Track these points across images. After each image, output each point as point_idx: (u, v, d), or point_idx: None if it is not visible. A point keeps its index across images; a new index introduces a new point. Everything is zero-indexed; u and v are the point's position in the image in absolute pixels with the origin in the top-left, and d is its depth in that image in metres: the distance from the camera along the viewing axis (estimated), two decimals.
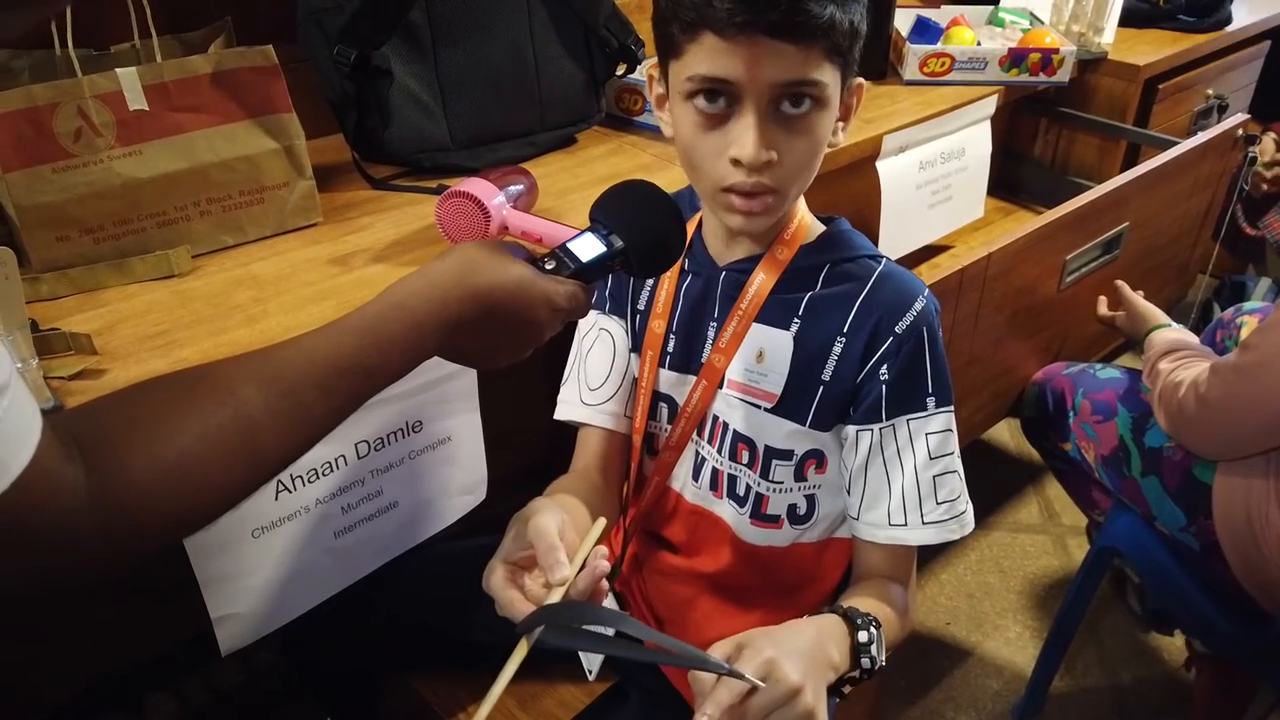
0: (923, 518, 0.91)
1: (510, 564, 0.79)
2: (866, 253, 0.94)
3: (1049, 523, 2.05)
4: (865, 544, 0.95)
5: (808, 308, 0.92)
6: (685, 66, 0.82)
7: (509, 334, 0.76)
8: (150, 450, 0.56)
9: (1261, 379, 1.13)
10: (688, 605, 1.05)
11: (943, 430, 0.91)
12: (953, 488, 0.92)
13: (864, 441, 0.92)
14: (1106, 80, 2.05)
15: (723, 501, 1.01)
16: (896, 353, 0.89)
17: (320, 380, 0.64)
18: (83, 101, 1.05)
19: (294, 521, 1.02)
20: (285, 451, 0.64)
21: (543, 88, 1.43)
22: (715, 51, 0.79)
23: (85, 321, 1.04)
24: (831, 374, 0.92)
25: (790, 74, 0.79)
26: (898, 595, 0.92)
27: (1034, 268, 1.54)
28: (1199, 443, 1.25)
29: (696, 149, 0.85)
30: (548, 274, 0.76)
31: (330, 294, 1.11)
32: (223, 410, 0.59)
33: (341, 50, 1.28)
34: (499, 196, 1.17)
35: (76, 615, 1.17)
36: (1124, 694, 1.70)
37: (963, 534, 0.93)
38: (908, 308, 0.90)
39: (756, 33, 0.77)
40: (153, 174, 1.11)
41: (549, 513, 0.79)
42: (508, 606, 0.76)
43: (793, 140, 0.83)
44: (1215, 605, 1.29)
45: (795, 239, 0.93)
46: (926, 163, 1.73)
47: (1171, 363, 1.31)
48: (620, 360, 1.04)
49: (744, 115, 0.81)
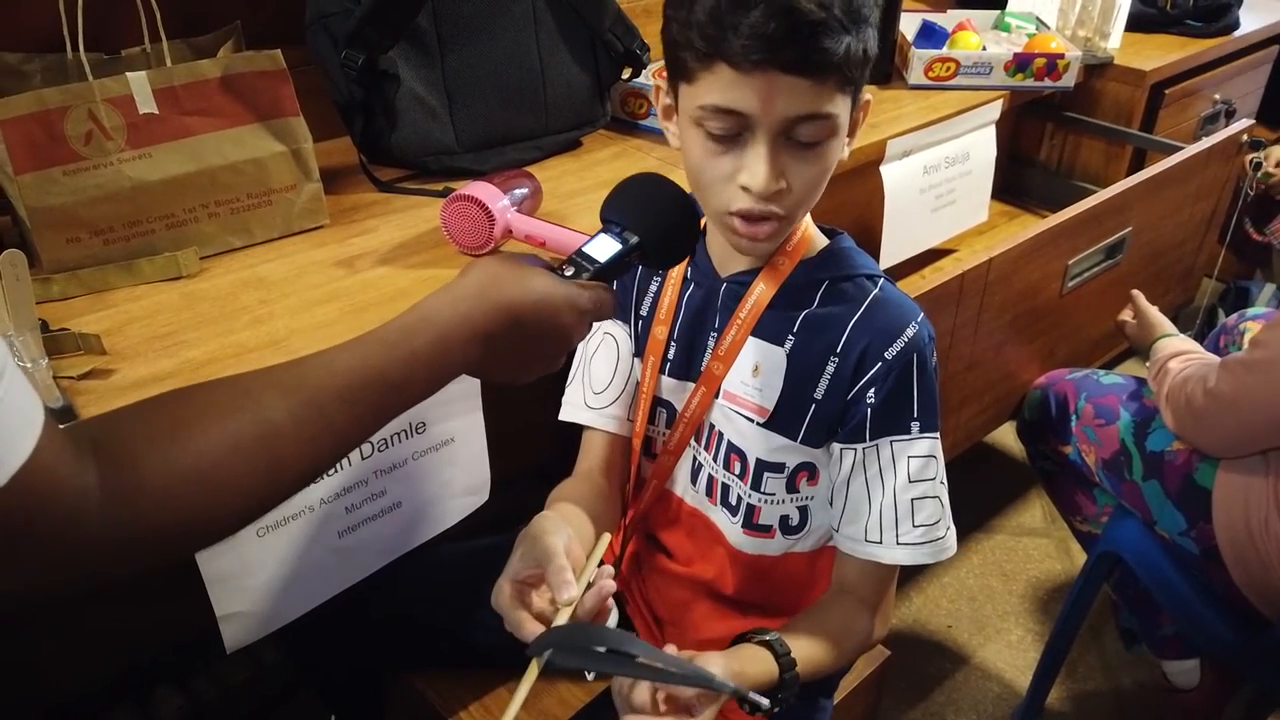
0: (898, 538, 0.91)
1: (518, 583, 0.80)
2: (865, 272, 0.94)
3: (1051, 526, 2.05)
4: (843, 557, 0.96)
5: (803, 325, 0.93)
6: (697, 94, 0.81)
7: (538, 343, 0.75)
8: (167, 453, 0.56)
9: (1272, 375, 1.14)
10: (685, 607, 1.06)
11: (926, 455, 0.91)
12: (931, 512, 0.92)
13: (847, 459, 0.92)
14: (1112, 85, 2.05)
15: (717, 508, 1.01)
16: (884, 378, 0.89)
17: (343, 392, 0.63)
18: (93, 105, 1.07)
19: (298, 521, 1.03)
20: (307, 463, 0.63)
21: (548, 92, 1.44)
22: (729, 83, 0.78)
23: (95, 322, 1.06)
24: (824, 393, 0.92)
25: (804, 108, 0.79)
26: (854, 622, 0.93)
27: (1036, 272, 1.54)
28: (1206, 438, 1.25)
29: (705, 172, 0.84)
30: (568, 280, 0.77)
31: (336, 296, 1.12)
32: (243, 417, 0.59)
33: (349, 54, 1.29)
34: (504, 200, 1.18)
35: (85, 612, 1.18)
36: (1125, 699, 1.70)
37: (938, 559, 0.93)
38: (899, 334, 0.90)
39: (772, 68, 0.76)
40: (162, 177, 1.12)
41: (557, 534, 0.80)
42: (517, 626, 0.78)
43: (803, 168, 0.83)
44: (1214, 610, 1.29)
45: (797, 251, 0.93)
46: (931, 167, 1.73)
47: (1181, 362, 1.32)
48: (624, 365, 1.05)
49: (755, 144, 0.80)
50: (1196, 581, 1.31)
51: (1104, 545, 1.46)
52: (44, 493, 0.49)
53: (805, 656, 0.87)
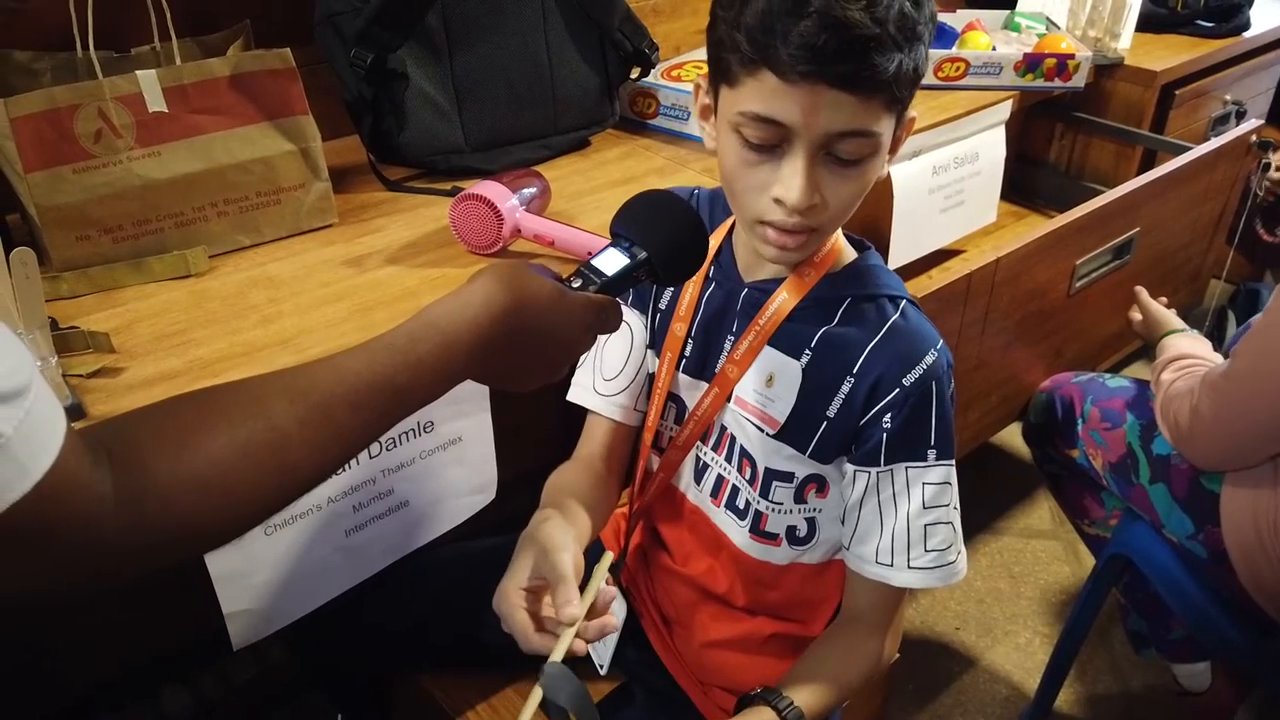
0: (909, 562, 0.91)
1: (523, 590, 0.81)
2: (889, 292, 0.92)
3: (1060, 529, 2.04)
4: (853, 575, 0.95)
5: (820, 341, 0.91)
6: (739, 99, 0.79)
7: (541, 353, 0.76)
8: (178, 457, 0.56)
9: (1255, 386, 1.13)
10: (692, 608, 1.06)
11: (941, 482, 0.90)
12: (944, 538, 0.91)
13: (860, 481, 0.91)
14: (1123, 86, 2.04)
15: (720, 511, 1.01)
16: (902, 404, 0.88)
17: (351, 397, 0.64)
18: (103, 103, 1.07)
19: (306, 519, 1.03)
20: (315, 467, 0.64)
21: (557, 91, 1.44)
22: (773, 92, 0.76)
23: (104, 320, 1.06)
24: (837, 411, 0.91)
25: (847, 125, 0.77)
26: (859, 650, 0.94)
27: (1043, 272, 1.54)
28: (1199, 456, 1.25)
29: (740, 179, 0.83)
30: (576, 291, 0.77)
31: (345, 295, 1.12)
32: (252, 422, 0.60)
33: (358, 53, 1.29)
34: (512, 199, 1.18)
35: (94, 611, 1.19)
36: (1134, 702, 1.70)
37: (948, 583, 0.93)
38: (918, 361, 0.88)
39: (819, 82, 0.74)
40: (171, 175, 1.12)
41: (565, 551, 0.81)
42: (523, 637, 0.78)
43: (840, 185, 0.81)
44: (1224, 614, 1.29)
45: (824, 263, 0.92)
46: (940, 167, 1.73)
47: (1173, 373, 1.31)
48: (636, 354, 1.04)
49: (793, 158, 0.78)
50: (1206, 585, 1.30)
51: (1113, 548, 1.46)
52: (65, 498, 0.50)
53: (810, 703, 0.87)
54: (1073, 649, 1.59)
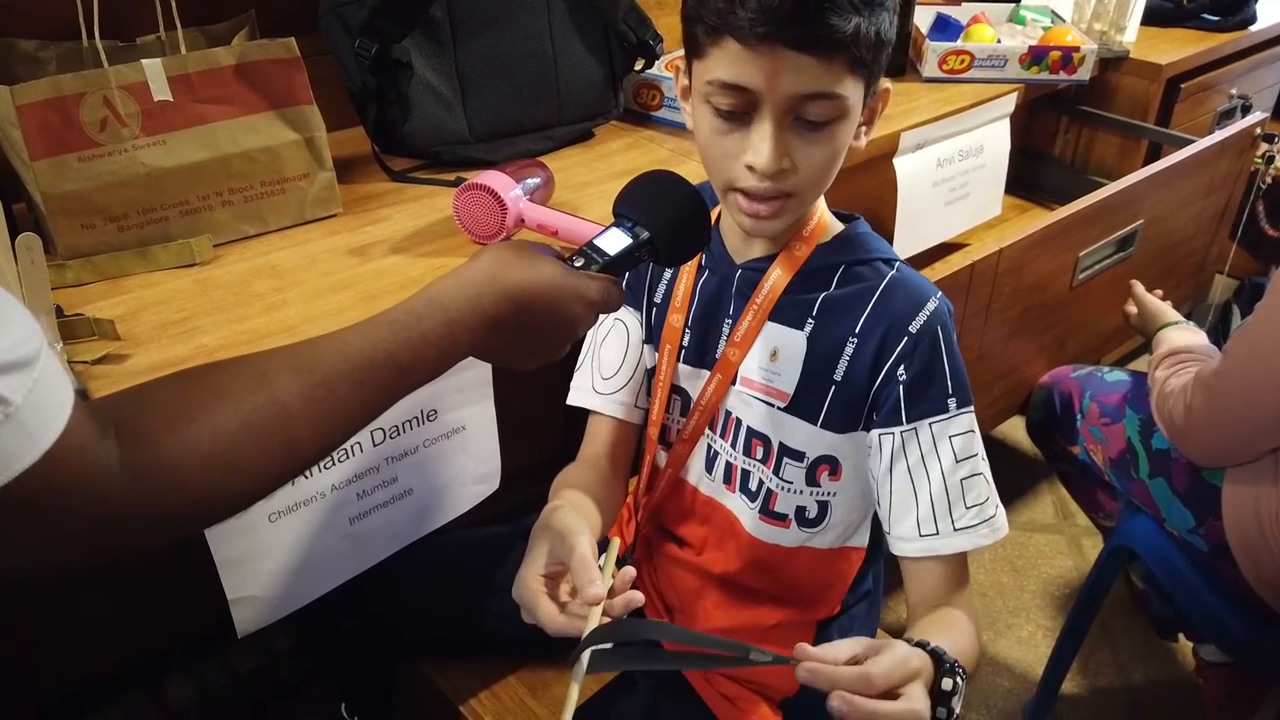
0: (954, 524, 0.89)
1: (543, 576, 0.81)
2: (880, 255, 0.94)
3: (1063, 522, 2.04)
4: (909, 563, 0.93)
5: (822, 308, 0.92)
6: (706, 69, 0.82)
7: (543, 331, 0.76)
8: (183, 430, 0.57)
9: (1245, 382, 1.13)
10: (696, 595, 1.06)
11: (966, 431, 0.90)
12: (980, 491, 0.90)
13: (886, 445, 0.91)
14: (1128, 79, 2.04)
15: (734, 495, 1.01)
16: (912, 352, 0.89)
17: (354, 374, 0.65)
18: (109, 92, 1.07)
19: (310, 507, 1.03)
20: (319, 441, 0.65)
21: (561, 82, 1.44)
22: (736, 58, 0.78)
23: (109, 308, 1.06)
24: (843, 375, 0.91)
25: (810, 86, 0.79)
26: (966, 627, 0.88)
27: (1046, 264, 1.54)
28: (1195, 453, 1.24)
29: (712, 149, 0.85)
30: (578, 270, 0.77)
31: (349, 284, 1.12)
32: (257, 396, 0.60)
33: (363, 43, 1.30)
34: (516, 189, 1.18)
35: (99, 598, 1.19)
36: (1136, 695, 1.70)
37: (995, 539, 0.91)
38: (920, 308, 0.89)
39: (778, 44, 0.76)
40: (176, 164, 1.13)
41: (582, 534, 0.80)
42: (549, 621, 0.78)
43: (810, 149, 0.83)
44: (1227, 607, 1.29)
45: (813, 236, 0.93)
46: (944, 160, 1.73)
47: (1168, 369, 1.31)
48: (634, 352, 1.05)
49: (762, 123, 0.81)
50: (1208, 577, 1.30)
51: (1117, 539, 1.46)
52: (73, 469, 0.51)
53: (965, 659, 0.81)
54: (1076, 642, 1.59)
